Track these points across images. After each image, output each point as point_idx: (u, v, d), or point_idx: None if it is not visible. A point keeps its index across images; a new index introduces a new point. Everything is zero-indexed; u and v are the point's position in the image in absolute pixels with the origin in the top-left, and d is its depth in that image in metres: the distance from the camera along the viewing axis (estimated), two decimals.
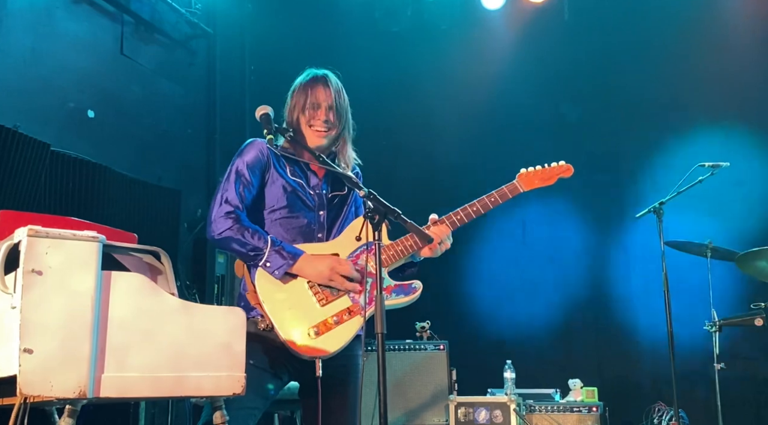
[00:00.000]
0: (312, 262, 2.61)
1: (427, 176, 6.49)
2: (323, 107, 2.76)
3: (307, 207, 2.76)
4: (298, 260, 2.59)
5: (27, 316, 1.84)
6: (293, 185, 2.76)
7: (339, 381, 2.67)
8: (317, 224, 2.76)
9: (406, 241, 2.74)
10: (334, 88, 2.79)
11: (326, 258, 2.64)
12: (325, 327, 2.58)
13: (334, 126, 2.78)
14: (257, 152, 2.74)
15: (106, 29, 5.39)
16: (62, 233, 1.91)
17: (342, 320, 2.60)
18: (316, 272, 2.61)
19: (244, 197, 2.68)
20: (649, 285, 4.80)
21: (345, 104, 2.83)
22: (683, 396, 4.64)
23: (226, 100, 6.60)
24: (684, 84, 5.90)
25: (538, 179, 2.96)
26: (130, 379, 1.94)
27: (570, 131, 6.24)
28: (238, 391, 2.10)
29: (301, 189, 2.77)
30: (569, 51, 6.36)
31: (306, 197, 2.77)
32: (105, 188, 5.04)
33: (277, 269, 2.57)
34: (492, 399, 5.02)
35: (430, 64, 6.61)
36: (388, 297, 2.68)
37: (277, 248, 2.58)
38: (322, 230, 2.77)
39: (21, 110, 4.48)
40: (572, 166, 3.01)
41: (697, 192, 4.62)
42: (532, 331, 6.01)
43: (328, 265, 2.61)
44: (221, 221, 2.62)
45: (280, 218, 2.73)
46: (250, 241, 2.58)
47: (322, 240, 2.75)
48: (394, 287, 2.71)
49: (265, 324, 2.58)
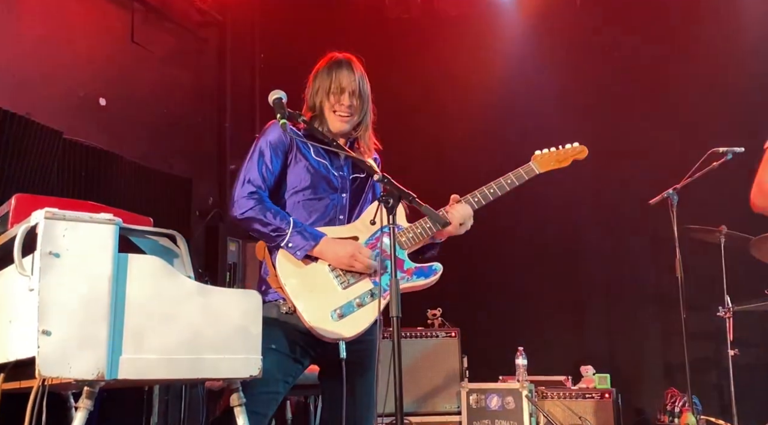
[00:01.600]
0: (333, 245, 2.62)
1: (439, 163, 6.47)
2: (347, 92, 2.77)
3: (331, 189, 2.77)
4: (320, 242, 2.61)
5: (45, 298, 1.85)
6: (317, 166, 2.76)
7: (358, 365, 2.68)
8: (339, 206, 2.78)
9: (425, 223, 2.75)
10: (358, 74, 2.81)
11: (347, 244, 2.65)
12: (348, 309, 2.61)
13: (356, 111, 2.79)
14: (280, 132, 2.71)
15: (117, 17, 5.38)
16: (79, 216, 1.92)
17: (364, 302, 2.63)
18: (337, 257, 2.62)
19: (266, 177, 2.69)
20: (663, 271, 4.77)
21: (367, 90, 2.85)
22: (696, 383, 4.63)
23: (237, 87, 6.58)
24: (698, 68, 5.85)
25: (553, 160, 2.98)
26: (147, 361, 1.95)
27: (583, 117, 6.20)
28: (254, 374, 2.11)
29: (325, 170, 2.77)
30: (581, 38, 6.31)
31: (330, 178, 2.78)
32: (116, 176, 5.05)
33: (299, 250, 2.59)
34: (504, 385, 5.03)
35: (440, 51, 6.58)
36: (409, 279, 2.70)
37: (299, 229, 2.60)
38: (343, 212, 2.78)
39: (33, 97, 4.48)
40: (586, 147, 3.03)
41: (711, 177, 4.59)
42: (543, 318, 6.00)
43: (349, 251, 2.62)
44: (244, 202, 2.62)
45: (303, 199, 2.74)
46: (273, 221, 2.58)
47: (343, 223, 2.77)
48: (414, 270, 2.73)
49: (287, 308, 2.60)
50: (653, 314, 5.76)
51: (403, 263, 2.70)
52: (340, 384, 2.56)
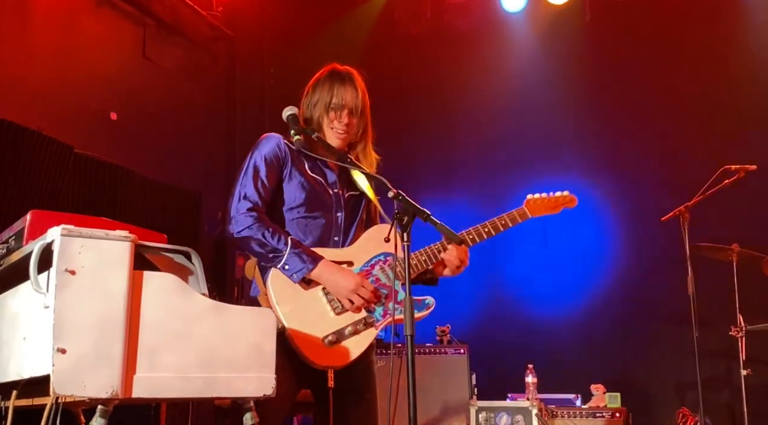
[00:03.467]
0: (333, 273, 2.53)
1: (447, 177, 6.47)
2: (347, 109, 2.69)
3: (325, 207, 2.69)
4: (317, 265, 2.51)
5: (60, 316, 1.84)
6: (311, 183, 2.68)
7: (352, 393, 2.62)
8: (334, 225, 2.69)
9: (420, 255, 2.70)
10: (360, 90, 2.72)
11: (350, 276, 2.55)
12: (340, 336, 2.52)
13: (354, 129, 2.73)
14: (274, 146, 2.65)
15: (129, 32, 5.42)
16: (95, 233, 1.91)
17: (357, 331, 2.55)
18: (337, 286, 2.54)
19: (261, 192, 2.58)
20: (674, 289, 4.74)
21: (367, 105, 2.77)
22: (708, 403, 4.58)
23: (247, 102, 6.61)
24: (708, 85, 5.84)
25: (544, 206, 2.98)
26: (161, 379, 1.93)
27: (592, 132, 6.20)
28: (268, 392, 2.09)
29: (320, 187, 2.69)
30: (590, 52, 6.32)
31: (324, 196, 2.69)
32: (126, 190, 5.06)
33: (295, 273, 2.49)
34: (514, 403, 4.99)
35: (449, 66, 6.60)
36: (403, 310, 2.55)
37: (297, 251, 2.50)
38: (338, 232, 2.69)
39: (45, 112, 4.50)
40: (576, 198, 3.05)
41: (723, 195, 4.56)
42: (553, 335, 5.96)
43: (351, 285, 2.53)
44: (242, 219, 2.53)
45: (298, 217, 2.65)
46: (270, 241, 2.49)
47: (338, 244, 2.68)
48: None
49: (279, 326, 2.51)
50: (665, 332, 5.71)
51: (397, 294, 2.61)
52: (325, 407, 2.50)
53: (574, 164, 6.09)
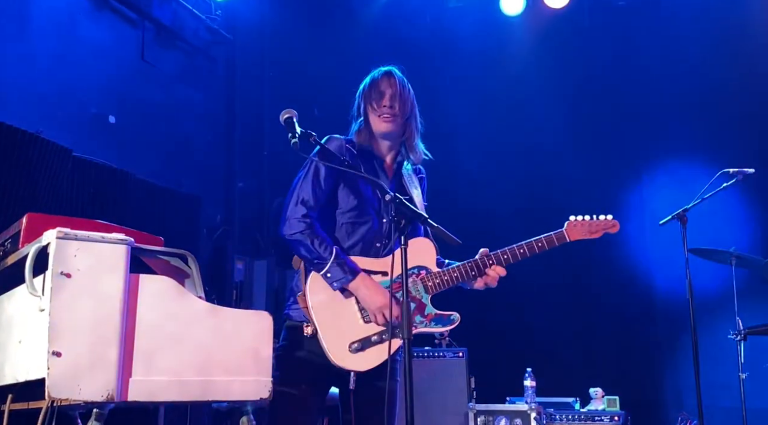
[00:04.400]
0: (368, 288, 2.66)
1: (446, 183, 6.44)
2: (387, 95, 2.83)
3: (374, 211, 2.80)
4: (356, 278, 2.65)
5: (55, 319, 1.84)
6: (364, 187, 2.80)
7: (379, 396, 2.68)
8: (379, 231, 2.80)
9: (453, 272, 2.79)
10: (398, 79, 2.88)
11: (381, 294, 2.66)
12: (366, 343, 2.65)
13: (399, 113, 2.83)
14: (335, 149, 2.76)
15: (128, 36, 5.42)
16: (91, 236, 1.91)
17: (382, 340, 2.66)
18: (367, 301, 2.66)
19: (318, 197, 2.73)
20: (673, 293, 4.74)
21: (409, 96, 2.90)
22: (707, 406, 4.57)
23: (246, 106, 6.61)
24: (707, 89, 5.85)
25: (585, 231, 2.98)
26: (157, 383, 1.93)
27: (591, 136, 6.20)
28: (264, 396, 2.09)
29: (371, 192, 2.81)
30: (589, 56, 6.33)
31: (374, 201, 2.81)
32: (125, 194, 5.05)
33: (335, 282, 2.64)
34: (512, 407, 4.99)
35: (449, 70, 6.60)
36: (428, 324, 2.75)
37: (340, 262, 2.63)
38: (380, 239, 2.80)
39: (44, 115, 4.50)
40: (618, 223, 3.01)
41: (722, 199, 4.56)
42: (552, 339, 5.95)
43: (379, 303, 2.64)
44: (295, 224, 2.67)
45: (348, 221, 2.78)
46: (317, 249, 2.63)
47: (379, 250, 2.78)
48: (434, 316, 2.76)
49: (310, 330, 2.62)
50: (664, 336, 5.72)
51: (424, 308, 2.74)
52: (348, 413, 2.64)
53: (572, 167, 6.09)
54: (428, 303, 2.75)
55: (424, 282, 2.75)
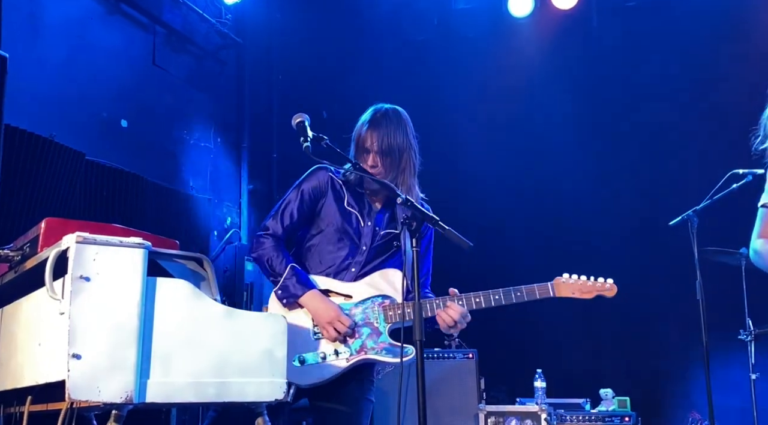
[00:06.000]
0: (318, 302, 2.69)
1: (452, 186, 6.46)
2: (371, 153, 2.81)
3: (351, 240, 2.82)
4: (306, 294, 2.69)
5: (75, 322, 1.87)
6: (344, 215, 2.82)
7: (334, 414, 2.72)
8: (356, 258, 2.81)
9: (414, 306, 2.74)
10: (382, 131, 2.80)
11: (329, 308, 2.69)
12: (310, 359, 2.68)
13: (385, 169, 2.80)
14: (317, 180, 2.86)
15: (139, 40, 5.47)
16: (109, 240, 1.94)
17: (325, 358, 2.68)
18: (316, 314, 2.71)
19: (286, 222, 2.80)
20: (683, 293, 4.73)
21: (398, 143, 2.82)
22: (718, 407, 4.57)
23: (255, 109, 6.65)
24: (716, 89, 5.84)
25: (575, 290, 2.86)
26: (175, 385, 1.96)
27: (600, 137, 6.20)
28: (279, 397, 2.11)
29: (353, 221, 2.83)
30: (597, 57, 6.33)
31: (355, 229, 2.83)
32: (137, 197, 5.10)
33: (284, 299, 2.70)
34: (523, 408, 4.99)
35: (456, 72, 6.61)
36: (378, 352, 2.71)
37: (291, 280, 2.69)
38: (357, 265, 2.81)
39: (57, 119, 4.55)
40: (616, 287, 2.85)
41: (732, 199, 4.56)
42: (562, 340, 5.95)
43: (329, 316, 2.67)
44: (258, 241, 2.78)
45: (322, 246, 2.82)
46: (274, 265, 2.72)
47: (353, 275, 2.80)
48: (387, 345, 2.72)
49: None
50: (674, 337, 5.71)
51: (379, 336, 2.72)
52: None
53: (581, 169, 6.09)
54: (384, 332, 2.72)
55: (385, 311, 2.74)
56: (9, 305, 2.39)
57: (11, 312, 2.37)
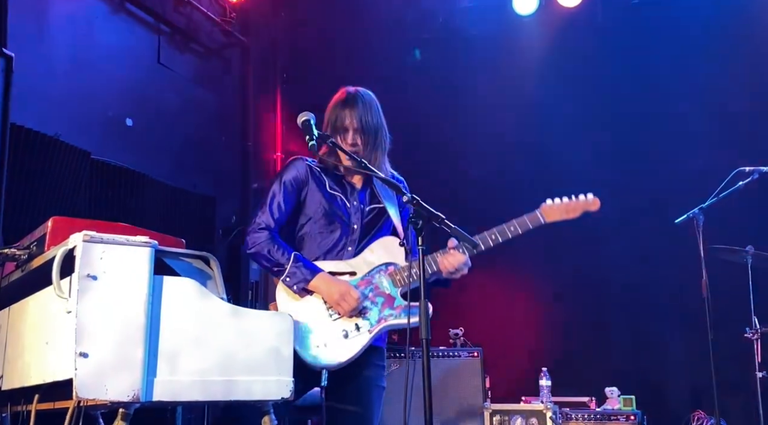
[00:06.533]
0: (327, 282, 2.72)
1: (457, 184, 6.46)
2: (350, 131, 2.85)
3: (341, 221, 2.86)
4: (315, 277, 2.71)
5: (82, 320, 1.87)
6: (330, 199, 2.87)
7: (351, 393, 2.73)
8: (349, 237, 2.86)
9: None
10: (360, 110, 2.85)
11: (341, 284, 2.73)
12: (334, 339, 2.68)
13: (363, 147, 2.84)
14: (296, 170, 2.89)
15: (144, 39, 5.47)
16: (116, 239, 1.94)
17: (348, 335, 2.70)
18: (329, 294, 2.71)
19: (276, 214, 2.83)
20: (688, 291, 4.72)
21: (374, 122, 2.88)
22: (723, 405, 4.56)
23: (260, 107, 6.65)
24: (723, 85, 5.82)
25: (562, 211, 2.91)
26: (181, 383, 1.97)
27: (605, 135, 6.19)
28: (286, 395, 2.12)
29: (339, 202, 2.88)
30: (603, 55, 6.31)
31: (342, 210, 2.87)
32: (142, 195, 5.11)
33: (295, 285, 2.71)
34: (528, 406, 4.99)
35: (461, 70, 6.60)
36: (398, 316, 2.75)
37: (298, 265, 2.71)
38: (353, 244, 2.86)
39: (62, 118, 4.55)
40: (598, 200, 2.93)
41: (738, 197, 4.55)
42: (567, 338, 5.95)
43: (339, 292, 2.70)
44: (253, 237, 2.78)
45: (315, 232, 2.85)
46: (275, 256, 2.72)
47: (351, 254, 2.84)
48: (403, 307, 2.75)
49: None
50: (680, 335, 5.70)
51: (393, 301, 2.77)
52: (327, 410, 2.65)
53: (587, 167, 6.07)
54: (397, 296, 2.77)
55: (392, 277, 2.79)
56: (16, 304, 2.40)
57: (18, 311, 2.38)
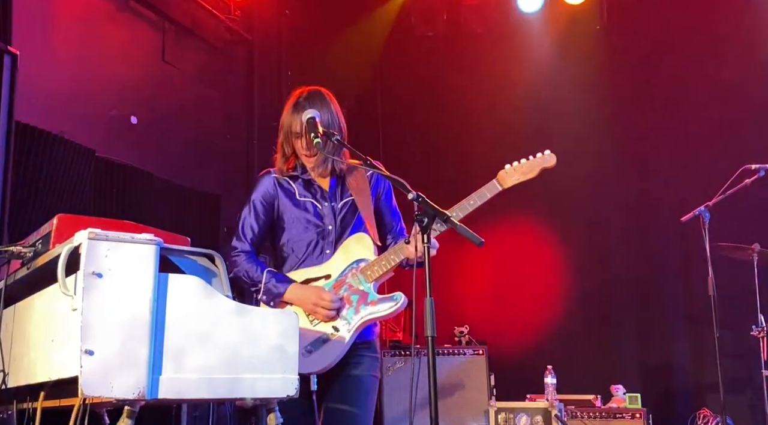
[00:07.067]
0: (299, 293, 2.75)
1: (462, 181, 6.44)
2: (302, 135, 2.81)
3: (315, 226, 2.87)
4: (287, 290, 2.75)
5: (87, 318, 1.87)
6: (301, 207, 2.87)
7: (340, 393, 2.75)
8: (326, 240, 2.86)
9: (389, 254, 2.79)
10: (310, 112, 2.77)
11: (309, 291, 2.75)
12: (317, 344, 2.70)
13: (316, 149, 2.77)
14: (263, 186, 2.90)
15: (149, 36, 5.47)
16: (121, 236, 1.94)
17: (329, 338, 2.72)
18: (302, 303, 2.74)
19: (248, 235, 2.86)
20: (694, 289, 4.71)
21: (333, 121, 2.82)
22: (729, 403, 4.55)
23: (265, 105, 6.65)
24: (727, 84, 5.80)
25: (519, 173, 2.88)
26: (186, 381, 1.96)
27: (611, 134, 6.18)
28: (291, 393, 2.11)
29: (310, 209, 2.87)
30: (607, 52, 6.30)
31: (315, 214, 2.87)
32: (147, 193, 5.11)
33: (271, 300, 2.76)
34: (533, 404, 4.99)
35: (465, 68, 6.60)
36: (374, 308, 2.74)
37: (270, 281, 2.76)
38: (330, 245, 2.86)
39: (67, 116, 4.56)
40: (554, 155, 2.90)
41: (744, 195, 4.53)
42: (572, 336, 5.94)
43: (310, 299, 2.73)
44: (231, 262, 2.83)
45: (292, 242, 2.87)
46: (252, 276, 2.79)
47: (329, 256, 2.85)
48: (378, 300, 2.76)
49: None
50: (685, 333, 5.69)
51: (367, 296, 2.77)
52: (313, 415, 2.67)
53: (592, 165, 6.07)
54: (371, 291, 2.77)
55: (363, 272, 2.79)
56: (21, 302, 2.40)
57: (24, 309, 2.38)
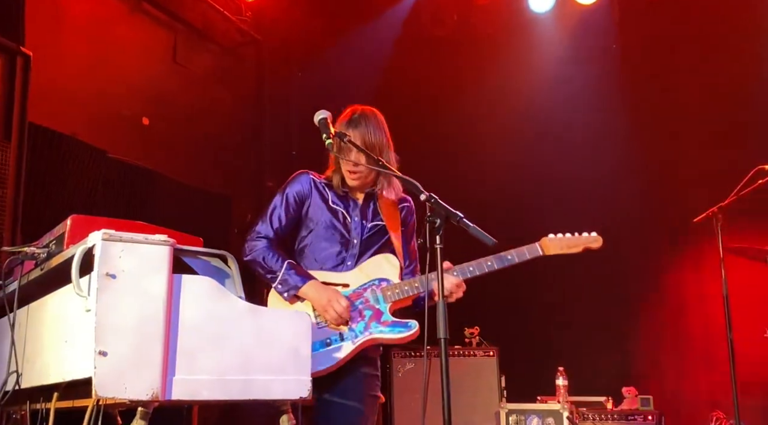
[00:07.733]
0: (317, 289, 2.74)
1: (473, 181, 6.43)
2: (353, 151, 2.80)
3: (341, 236, 2.88)
4: (305, 284, 2.73)
5: (101, 319, 1.87)
6: (331, 213, 2.89)
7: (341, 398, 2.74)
8: (349, 252, 2.87)
9: (413, 282, 2.80)
10: (362, 130, 2.82)
11: (329, 291, 2.75)
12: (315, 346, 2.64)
13: (364, 169, 2.82)
14: (299, 184, 2.93)
15: (160, 38, 5.50)
16: (135, 237, 1.94)
17: (331, 343, 2.72)
18: (316, 300, 2.74)
19: (275, 225, 2.86)
20: (707, 291, 4.68)
21: (378, 142, 2.84)
22: (742, 406, 4.51)
23: (275, 105, 6.66)
24: (741, 83, 5.76)
25: (563, 246, 2.92)
26: (200, 382, 1.96)
27: (622, 132, 6.14)
28: (304, 395, 2.11)
29: (340, 217, 2.89)
30: (620, 52, 6.26)
31: (342, 225, 2.88)
32: (158, 194, 5.13)
33: (285, 292, 2.74)
34: (544, 406, 4.97)
35: (476, 68, 6.58)
36: (383, 330, 2.75)
37: (290, 272, 2.74)
38: (352, 258, 2.87)
39: (79, 117, 4.58)
40: (601, 238, 2.91)
41: (757, 196, 4.49)
42: (584, 338, 5.91)
43: (326, 299, 2.72)
44: (250, 245, 2.83)
45: (314, 245, 2.88)
46: (268, 264, 2.77)
47: (350, 268, 2.86)
48: (390, 323, 2.77)
49: None
50: (698, 335, 5.65)
51: (381, 315, 2.77)
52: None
53: (604, 165, 6.03)
54: (386, 312, 2.77)
55: (384, 292, 2.79)
56: (35, 303, 2.41)
57: (37, 309, 2.38)
